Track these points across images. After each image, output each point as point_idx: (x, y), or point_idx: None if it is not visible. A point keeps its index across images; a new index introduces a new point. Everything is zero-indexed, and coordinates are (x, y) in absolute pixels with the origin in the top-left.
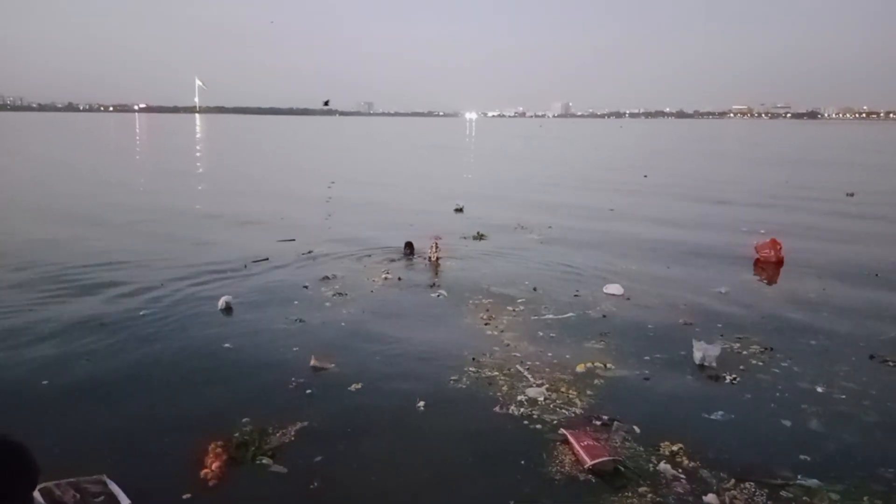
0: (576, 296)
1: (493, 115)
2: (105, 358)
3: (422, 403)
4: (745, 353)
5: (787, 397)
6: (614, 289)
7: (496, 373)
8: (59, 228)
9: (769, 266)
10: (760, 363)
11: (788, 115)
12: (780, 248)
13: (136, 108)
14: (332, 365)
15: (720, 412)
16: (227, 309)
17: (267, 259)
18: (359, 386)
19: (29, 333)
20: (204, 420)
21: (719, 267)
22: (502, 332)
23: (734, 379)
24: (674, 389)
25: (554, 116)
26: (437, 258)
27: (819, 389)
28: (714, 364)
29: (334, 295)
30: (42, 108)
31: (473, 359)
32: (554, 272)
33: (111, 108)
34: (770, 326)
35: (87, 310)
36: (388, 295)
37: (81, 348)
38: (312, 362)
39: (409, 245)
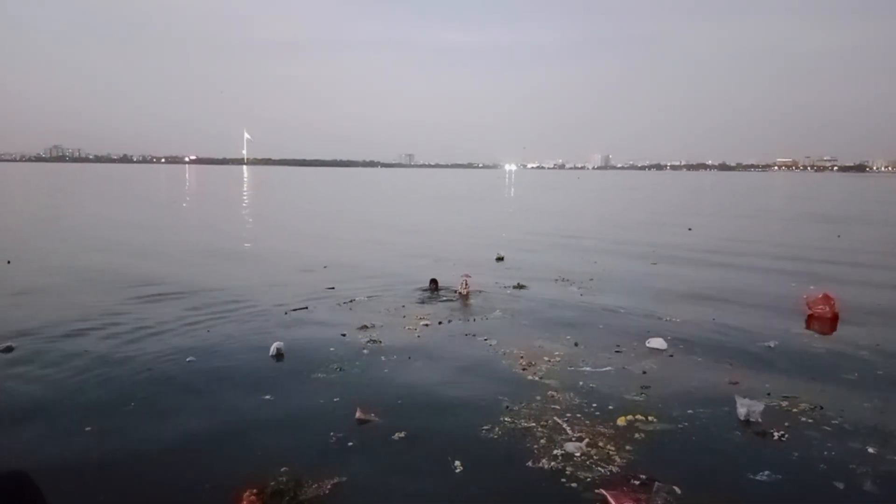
0: (617, 351)
1: (533, 167)
2: (150, 403)
3: (458, 462)
4: (793, 410)
5: (838, 457)
6: (657, 343)
7: (533, 423)
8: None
9: (822, 321)
10: (810, 420)
11: (835, 167)
12: (835, 304)
13: (186, 159)
14: (373, 415)
15: (766, 472)
16: (279, 355)
17: (306, 308)
18: (402, 434)
19: (78, 376)
20: (242, 469)
21: (768, 321)
22: (541, 379)
23: (782, 436)
24: (718, 446)
25: (594, 168)
26: (468, 293)
27: (871, 450)
28: (759, 419)
29: (369, 342)
30: (98, 159)
31: (507, 407)
32: (595, 325)
33: (163, 160)
34: (820, 384)
35: (134, 356)
36: (427, 342)
37: (127, 392)
38: (358, 415)
39: (433, 281)
